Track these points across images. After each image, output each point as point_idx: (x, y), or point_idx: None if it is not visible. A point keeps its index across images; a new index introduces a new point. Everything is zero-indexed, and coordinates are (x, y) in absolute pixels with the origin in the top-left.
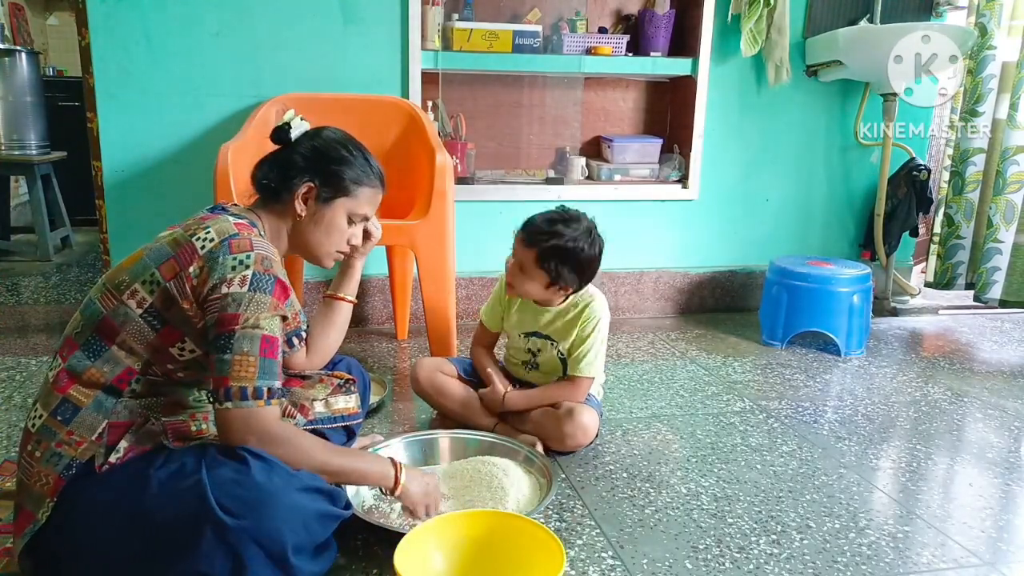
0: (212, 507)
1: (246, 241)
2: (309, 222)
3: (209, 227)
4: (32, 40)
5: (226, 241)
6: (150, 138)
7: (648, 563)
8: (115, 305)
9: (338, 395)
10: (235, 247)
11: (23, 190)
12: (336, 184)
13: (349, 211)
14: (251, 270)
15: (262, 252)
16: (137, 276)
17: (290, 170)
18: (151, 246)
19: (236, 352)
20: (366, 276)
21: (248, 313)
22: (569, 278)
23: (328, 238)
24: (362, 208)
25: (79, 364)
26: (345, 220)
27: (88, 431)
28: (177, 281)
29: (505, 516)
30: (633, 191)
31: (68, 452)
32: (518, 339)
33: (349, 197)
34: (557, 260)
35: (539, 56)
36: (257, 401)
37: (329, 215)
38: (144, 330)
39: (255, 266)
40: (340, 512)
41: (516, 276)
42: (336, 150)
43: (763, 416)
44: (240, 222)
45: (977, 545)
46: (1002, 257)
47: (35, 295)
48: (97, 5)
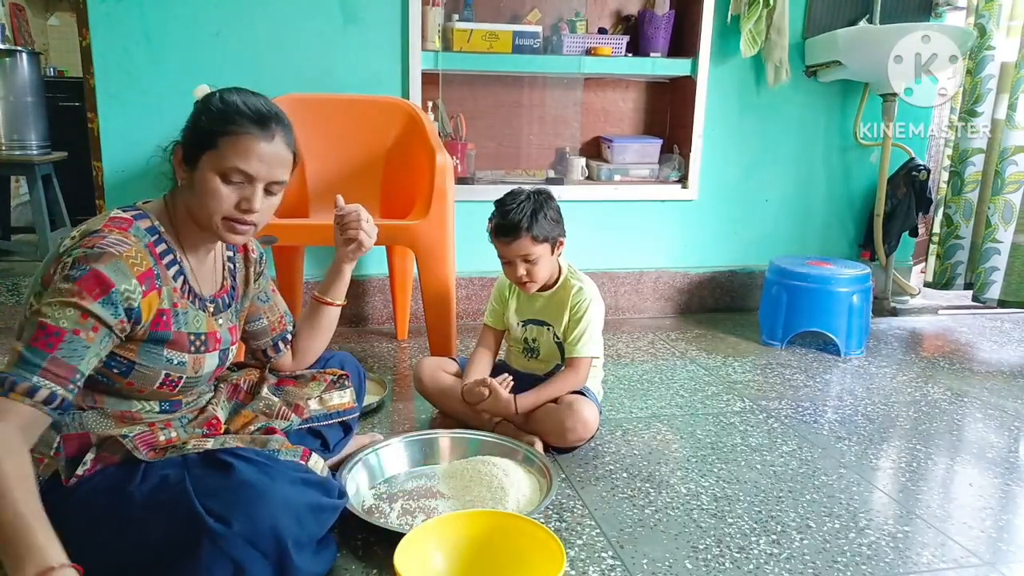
0: (202, 516)
1: (99, 238)
2: (187, 191)
3: (80, 226)
4: (33, 40)
5: (85, 238)
6: (150, 138)
7: (648, 563)
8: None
9: (332, 391)
10: (87, 242)
11: (23, 190)
12: (196, 139)
13: (216, 168)
14: (73, 257)
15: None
16: (32, 287)
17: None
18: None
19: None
20: (366, 276)
21: (41, 299)
22: (557, 230)
23: (206, 204)
24: (230, 160)
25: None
26: (216, 179)
27: (46, 447)
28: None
29: (505, 516)
30: (633, 191)
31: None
32: (517, 329)
33: (213, 151)
34: (543, 224)
35: (539, 56)
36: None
37: (200, 177)
38: None
39: (79, 254)
40: (334, 502)
41: (529, 271)
42: (203, 104)
43: (763, 416)
44: (118, 215)
45: (977, 545)
46: (1000, 257)
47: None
48: (97, 5)
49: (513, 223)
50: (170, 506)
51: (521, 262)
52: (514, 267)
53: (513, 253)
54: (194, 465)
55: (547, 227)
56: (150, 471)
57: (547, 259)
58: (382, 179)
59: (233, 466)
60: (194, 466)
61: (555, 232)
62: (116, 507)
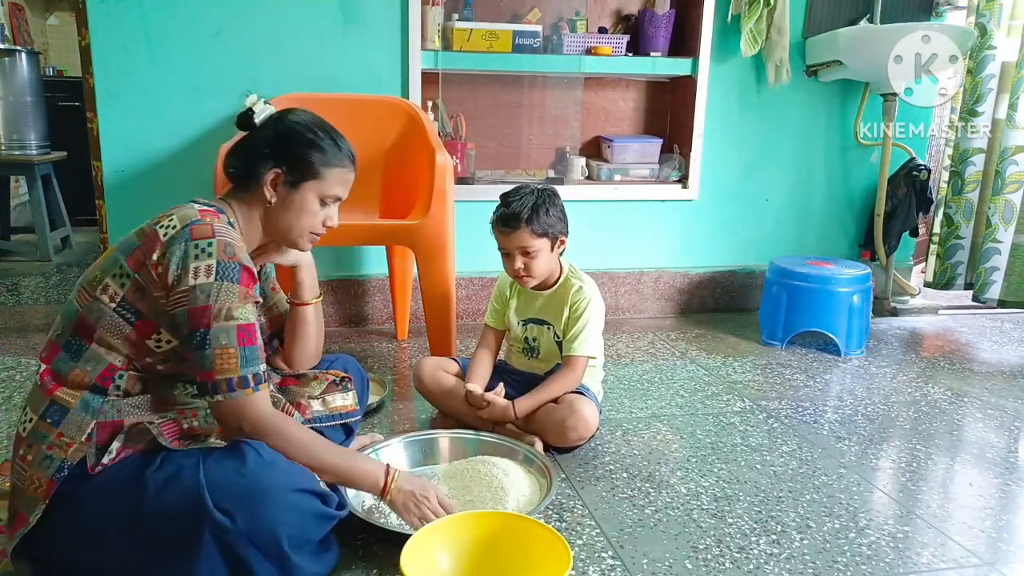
0: (210, 510)
1: (207, 227)
2: (280, 207)
3: (173, 214)
4: (32, 40)
5: (187, 227)
6: (150, 138)
7: (648, 563)
8: (89, 302)
9: (334, 392)
10: (196, 232)
11: (23, 190)
12: (303, 168)
13: (319, 193)
14: (214, 259)
15: (224, 239)
16: (108, 270)
17: (255, 157)
18: (120, 241)
19: (215, 346)
20: (366, 276)
21: (219, 304)
22: (559, 226)
23: (299, 221)
24: (332, 189)
25: (63, 365)
26: (316, 202)
27: (78, 432)
28: (144, 271)
29: (511, 517)
30: (633, 191)
31: (59, 454)
32: (517, 328)
33: (318, 179)
34: (543, 219)
35: (539, 56)
36: (244, 390)
37: (299, 199)
38: (119, 324)
39: (218, 254)
40: (334, 512)
41: (527, 265)
42: (301, 133)
43: (763, 416)
44: (205, 209)
45: (977, 545)
46: (1001, 257)
47: (35, 295)
48: (97, 5)
49: (513, 214)
50: (180, 495)
51: (519, 255)
52: (512, 259)
53: (512, 244)
54: (209, 459)
55: (547, 222)
56: (168, 460)
57: (546, 255)
58: (382, 179)
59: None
60: (209, 460)
61: (556, 228)
62: (131, 494)
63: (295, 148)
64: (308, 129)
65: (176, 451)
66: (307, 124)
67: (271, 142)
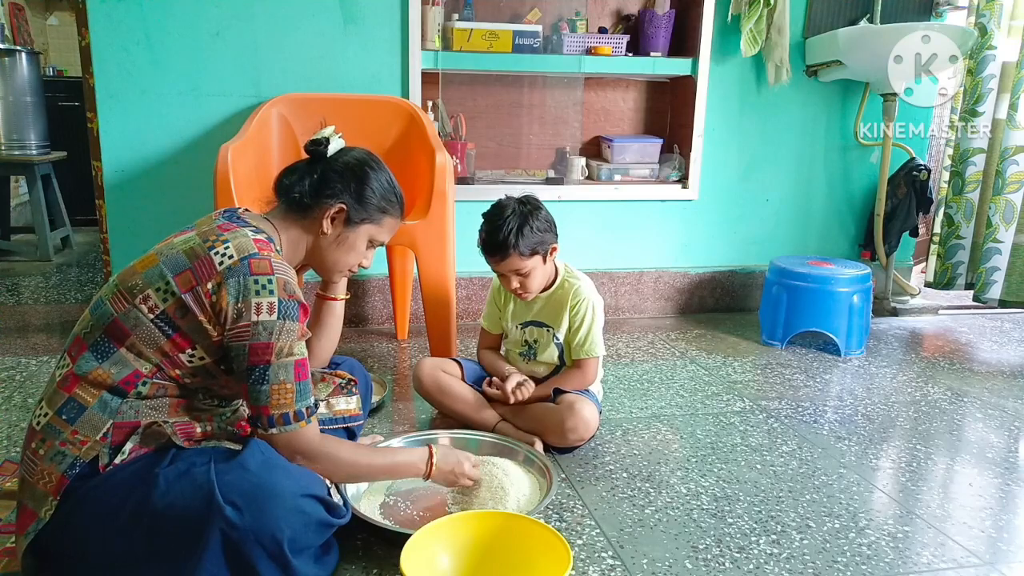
0: (220, 505)
1: (266, 262)
2: (332, 241)
3: (228, 241)
4: (32, 40)
5: (245, 260)
6: (150, 138)
7: (648, 563)
8: (126, 308)
9: (339, 396)
10: (255, 268)
11: (23, 190)
12: (366, 209)
13: (371, 236)
14: (276, 296)
15: (283, 276)
16: (151, 282)
17: (325, 188)
18: (165, 252)
19: (274, 382)
20: (366, 276)
21: (281, 343)
22: (548, 238)
23: (346, 258)
24: (383, 235)
25: (86, 364)
26: (365, 243)
27: (93, 431)
28: (194, 295)
29: (512, 517)
30: (633, 191)
31: (72, 451)
32: (515, 331)
33: (374, 224)
34: (530, 238)
35: (539, 56)
36: (299, 423)
37: (353, 238)
38: (155, 335)
39: (279, 292)
40: (336, 521)
41: (523, 283)
42: (371, 177)
43: (763, 416)
44: (259, 238)
45: (977, 545)
46: (1001, 257)
47: (35, 295)
48: (97, 5)
49: (499, 242)
50: (191, 491)
51: (514, 276)
52: (507, 280)
53: (504, 269)
54: (220, 457)
55: (535, 240)
56: (179, 456)
57: (540, 269)
58: None
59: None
60: (220, 458)
61: (545, 242)
62: (141, 488)
63: (364, 188)
64: (377, 172)
65: (188, 449)
66: (377, 167)
67: (342, 176)
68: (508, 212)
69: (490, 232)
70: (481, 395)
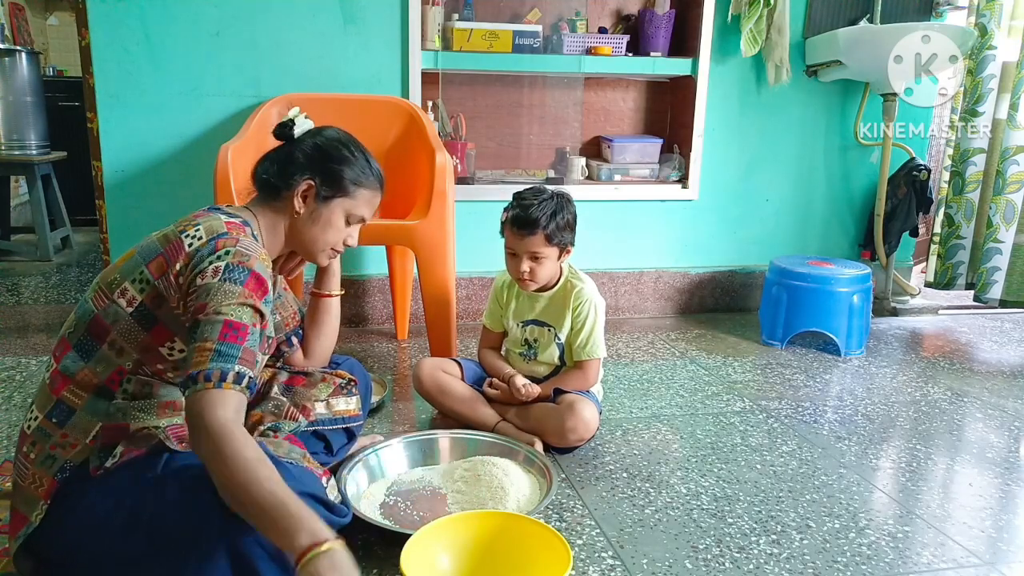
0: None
1: (232, 240)
2: (307, 220)
3: (199, 224)
4: (32, 40)
5: (213, 240)
6: (150, 138)
7: (648, 563)
8: (106, 304)
9: (339, 396)
10: (220, 246)
11: (23, 190)
12: (335, 184)
13: (347, 211)
14: (224, 261)
15: (243, 249)
16: (127, 274)
17: (290, 167)
18: (142, 243)
19: (198, 340)
20: (366, 276)
21: (214, 302)
22: (569, 236)
23: (324, 236)
24: (360, 209)
25: (73, 365)
26: (343, 220)
27: (82, 433)
28: (164, 278)
29: (512, 517)
30: (633, 191)
31: (62, 454)
32: (516, 330)
33: (348, 197)
34: (559, 227)
35: (539, 56)
36: (206, 384)
37: (327, 214)
38: (134, 329)
39: (230, 258)
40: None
41: (532, 269)
42: (338, 150)
43: (763, 416)
44: (231, 221)
45: (977, 545)
46: (1002, 257)
47: (35, 295)
48: (97, 5)
49: (532, 218)
50: (189, 492)
51: (528, 258)
52: (519, 261)
53: (524, 248)
54: None
55: (562, 232)
56: (173, 459)
57: (552, 262)
58: None
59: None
60: None
61: (567, 238)
62: (136, 491)
63: (330, 163)
64: (345, 146)
65: (183, 452)
66: (344, 141)
67: (308, 154)
68: (546, 195)
69: (524, 207)
70: (481, 395)
